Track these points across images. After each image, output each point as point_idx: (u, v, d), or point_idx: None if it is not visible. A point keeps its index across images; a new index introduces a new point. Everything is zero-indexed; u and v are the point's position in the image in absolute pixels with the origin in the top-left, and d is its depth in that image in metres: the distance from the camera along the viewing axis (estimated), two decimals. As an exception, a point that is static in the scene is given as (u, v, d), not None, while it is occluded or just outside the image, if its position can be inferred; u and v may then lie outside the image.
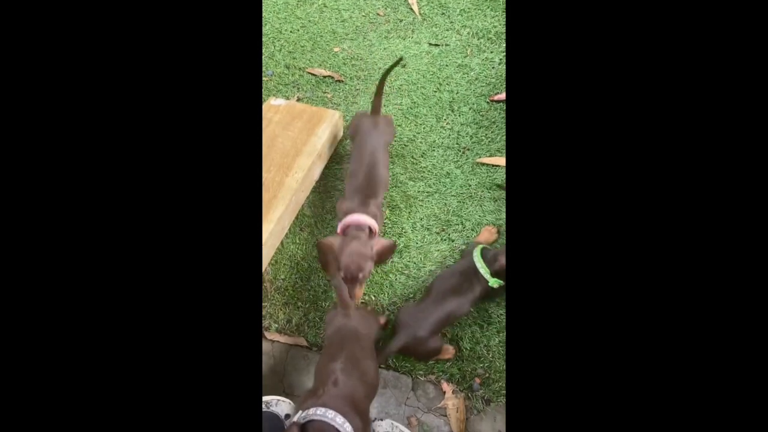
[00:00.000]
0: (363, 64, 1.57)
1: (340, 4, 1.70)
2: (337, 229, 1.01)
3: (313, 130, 1.27)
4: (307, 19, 1.70)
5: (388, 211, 1.23)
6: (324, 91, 1.50)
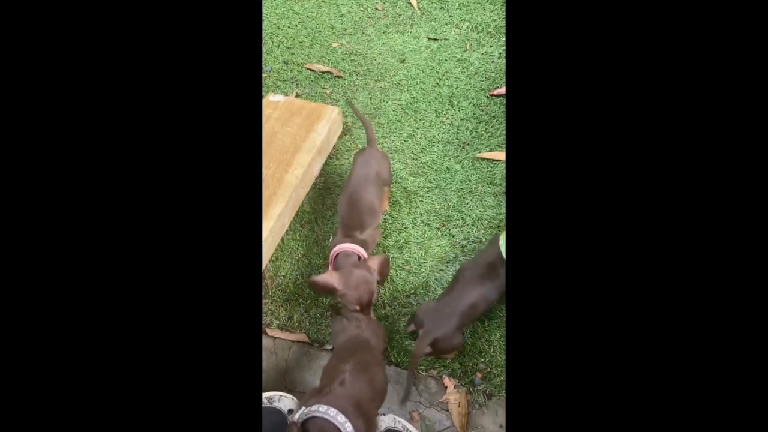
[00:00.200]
0: (362, 60, 1.56)
1: (338, -2, 1.69)
2: (329, 263, 1.03)
3: (312, 126, 1.27)
4: (305, 15, 1.69)
5: (388, 207, 1.23)
6: (323, 87, 1.50)
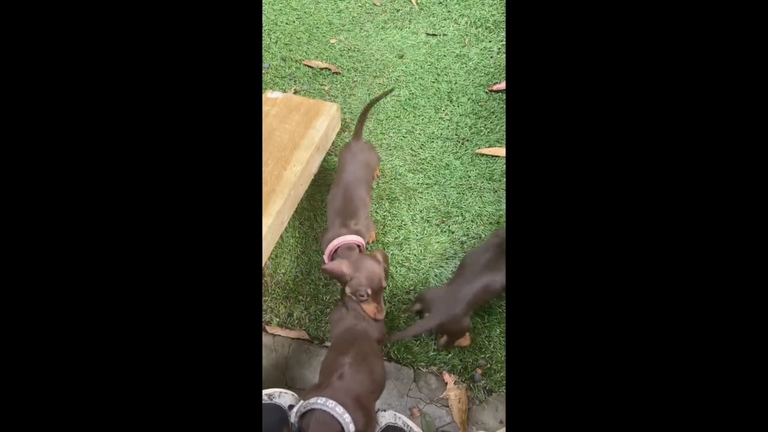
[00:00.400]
0: (360, 56, 1.55)
1: (336, -6, 1.68)
2: (324, 257, 1.02)
3: (310, 123, 1.27)
4: (303, 11, 1.68)
5: (387, 204, 1.23)
6: (321, 83, 1.49)
